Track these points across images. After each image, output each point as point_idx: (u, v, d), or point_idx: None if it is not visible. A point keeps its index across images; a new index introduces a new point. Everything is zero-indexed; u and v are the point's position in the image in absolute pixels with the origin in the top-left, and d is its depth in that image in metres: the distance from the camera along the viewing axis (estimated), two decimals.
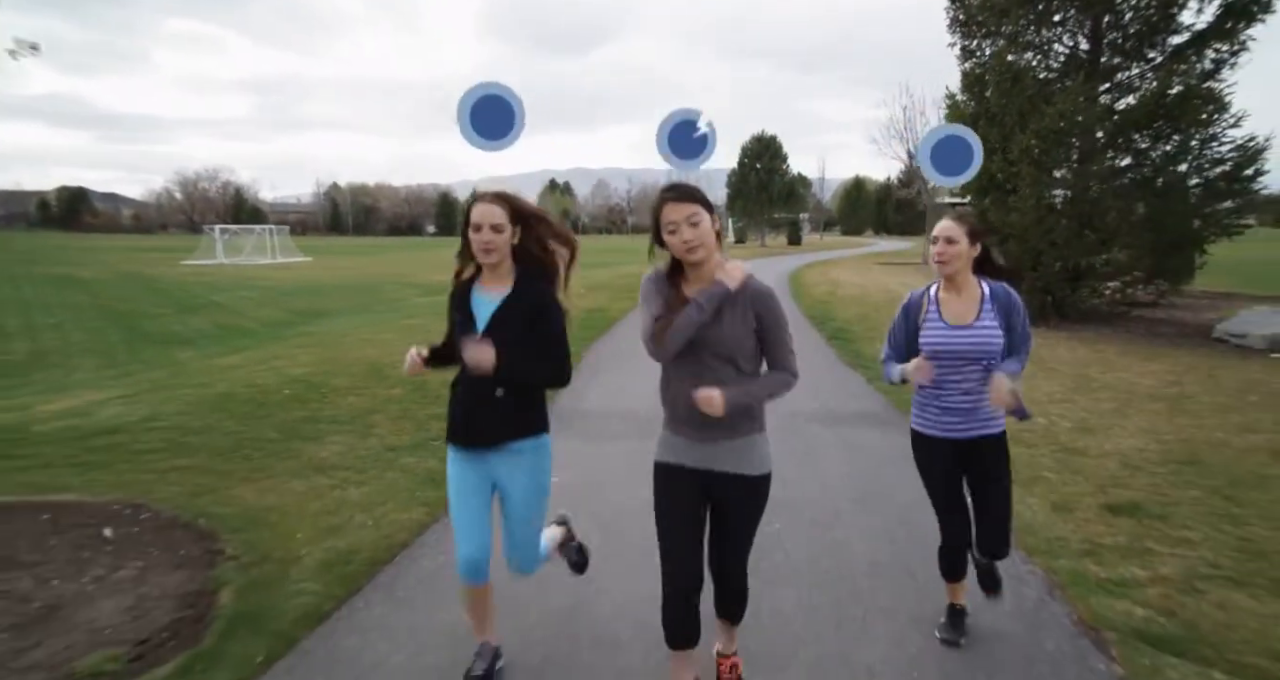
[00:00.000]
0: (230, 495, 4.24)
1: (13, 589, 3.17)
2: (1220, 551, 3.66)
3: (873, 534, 3.93)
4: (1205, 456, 5.13)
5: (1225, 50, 10.48)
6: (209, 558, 3.48)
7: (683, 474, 2.33)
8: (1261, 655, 2.77)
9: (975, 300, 2.71)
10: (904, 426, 5.84)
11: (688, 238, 2.14)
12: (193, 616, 2.98)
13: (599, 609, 3.13)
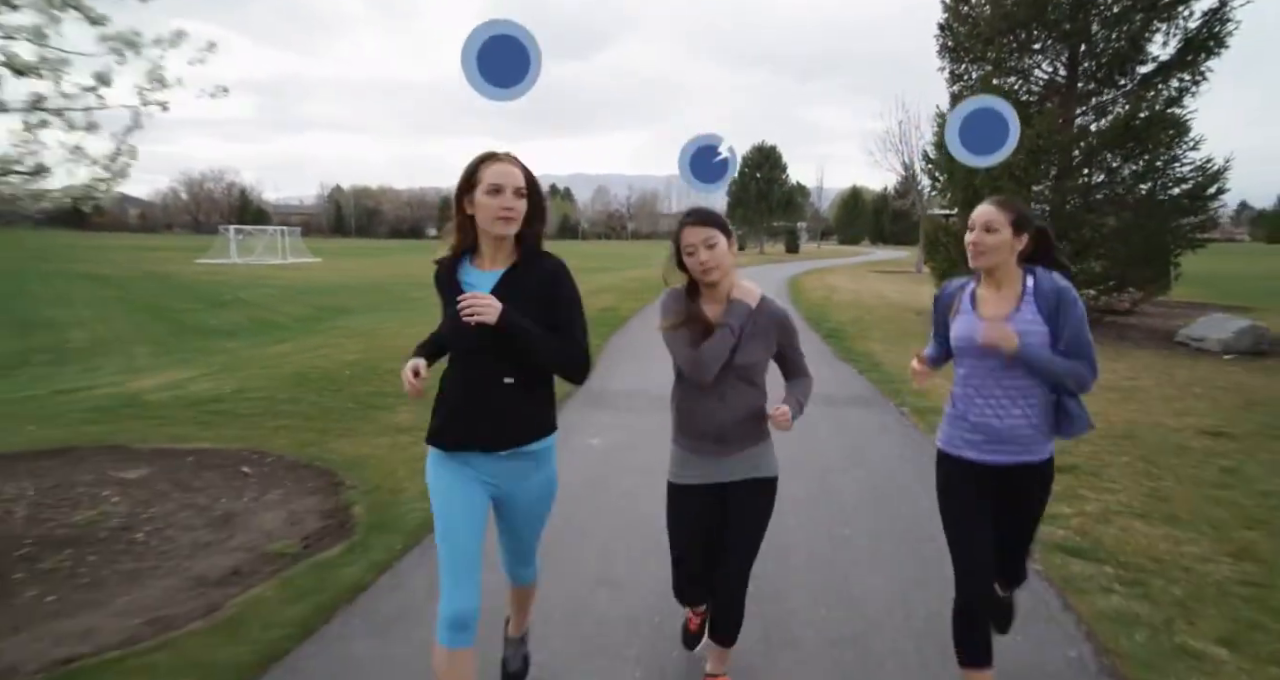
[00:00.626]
0: (330, 447, 5.18)
1: (195, 503, 4.10)
2: (1133, 497, 4.61)
3: (858, 481, 4.87)
4: (1141, 433, 6.09)
5: (1188, 79, 11.51)
6: (333, 487, 4.41)
7: (697, 492, 2.42)
8: (1143, 557, 3.71)
9: (1015, 295, 2.25)
10: (886, 406, 6.95)
11: (704, 259, 2.23)
12: (336, 523, 3.91)
13: (631, 538, 4.07)
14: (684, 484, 2.42)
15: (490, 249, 2.05)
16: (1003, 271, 2.26)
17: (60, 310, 15.81)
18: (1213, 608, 3.20)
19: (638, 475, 4.74)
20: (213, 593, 3.16)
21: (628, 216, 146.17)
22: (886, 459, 5.35)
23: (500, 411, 2.04)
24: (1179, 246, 12.48)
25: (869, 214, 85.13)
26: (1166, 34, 11.64)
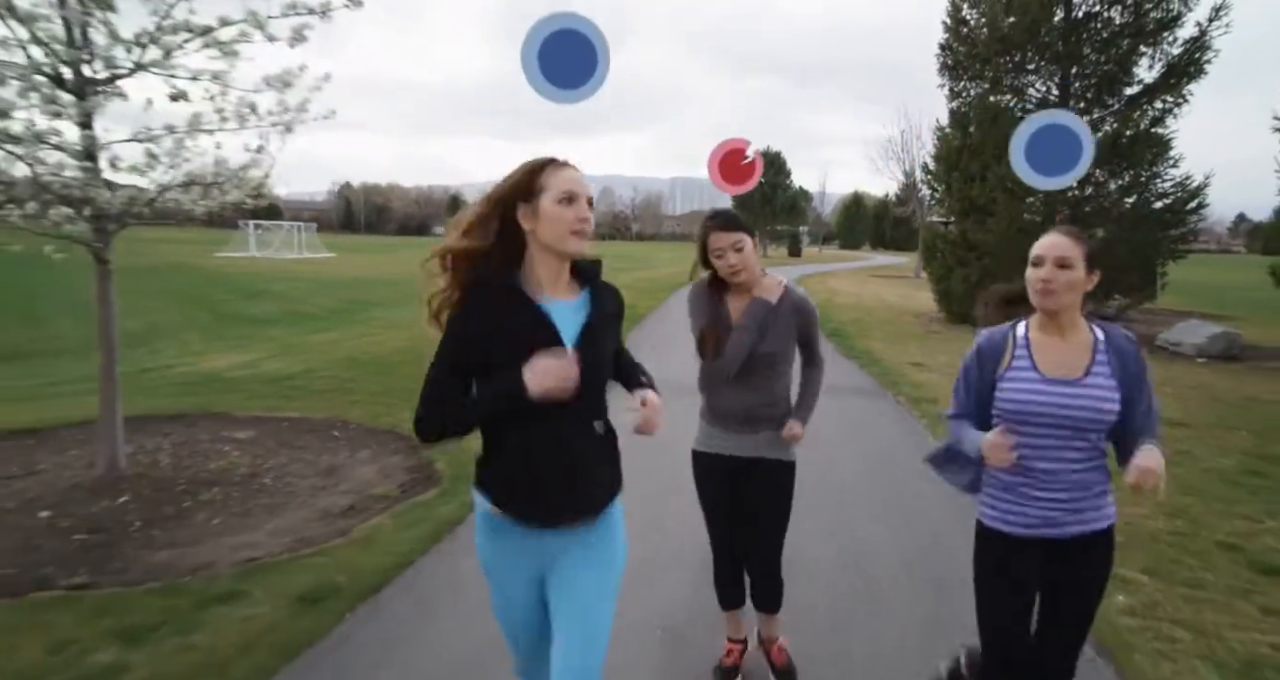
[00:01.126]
0: (401, 418, 5.96)
1: (302, 458, 4.90)
2: None
3: (859, 454, 5.66)
4: None
5: (1170, 102, 12.32)
6: (412, 449, 5.20)
7: (722, 464, 2.55)
8: None
9: (1084, 347, 1.93)
10: (885, 396, 7.85)
11: (733, 262, 2.36)
12: (424, 475, 4.70)
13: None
14: (707, 452, 2.57)
15: (549, 270, 1.67)
16: (1068, 315, 1.93)
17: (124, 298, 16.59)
18: (1142, 550, 3.99)
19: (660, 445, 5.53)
20: (339, 522, 3.95)
21: (632, 217, 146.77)
22: (883, 437, 6.15)
23: (599, 468, 1.75)
24: (1162, 257, 13.31)
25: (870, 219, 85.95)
26: (1152, 58, 12.46)
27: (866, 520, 4.32)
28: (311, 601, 3.05)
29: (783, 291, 2.47)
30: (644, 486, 4.38)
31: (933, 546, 3.92)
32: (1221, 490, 4.98)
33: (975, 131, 13.70)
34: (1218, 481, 5.18)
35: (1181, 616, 3.22)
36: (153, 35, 3.92)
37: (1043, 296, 1.90)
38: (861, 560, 3.74)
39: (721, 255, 2.38)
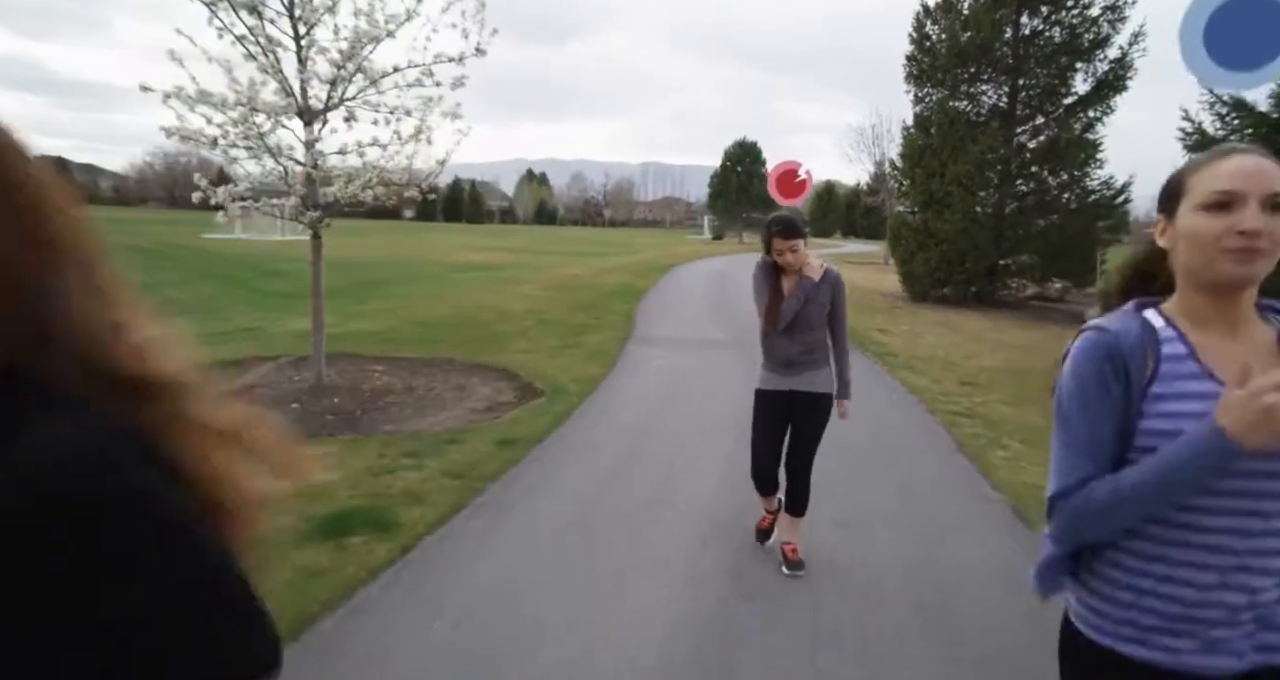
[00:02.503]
0: (492, 359, 7.74)
1: (434, 381, 6.67)
2: (1003, 394, 7.38)
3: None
4: (1024, 369, 8.90)
5: (1101, 110, 14.43)
6: (510, 376, 7.00)
7: (775, 397, 3.35)
8: (997, 416, 6.46)
9: (1266, 345, 1.16)
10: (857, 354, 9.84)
11: (789, 260, 3.17)
12: (529, 391, 6.50)
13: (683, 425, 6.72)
14: (765, 389, 3.39)
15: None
16: (1249, 296, 1.15)
17: (143, 277, 17.96)
18: (1013, 435, 5.93)
19: (694, 380, 7.40)
20: (485, 415, 5.75)
21: (604, 203, 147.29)
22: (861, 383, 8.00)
23: None
24: (1098, 245, 15.50)
25: (842, 208, 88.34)
26: (1085, 73, 14.54)
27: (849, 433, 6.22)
28: (504, 443, 4.88)
29: (824, 272, 3.23)
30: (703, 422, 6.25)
31: (893, 439, 5.85)
32: None
33: (935, 133, 15.68)
34: None
35: (1031, 450, 5.19)
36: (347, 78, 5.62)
37: (1239, 262, 1.08)
38: (846, 458, 5.63)
39: (782, 254, 3.18)
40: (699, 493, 4.32)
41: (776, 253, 3.19)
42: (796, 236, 3.16)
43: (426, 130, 5.93)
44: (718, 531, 3.77)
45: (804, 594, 3.19)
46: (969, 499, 4.52)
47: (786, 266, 3.22)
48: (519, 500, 4.11)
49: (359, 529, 3.57)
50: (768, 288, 3.28)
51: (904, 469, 5.08)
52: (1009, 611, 3.08)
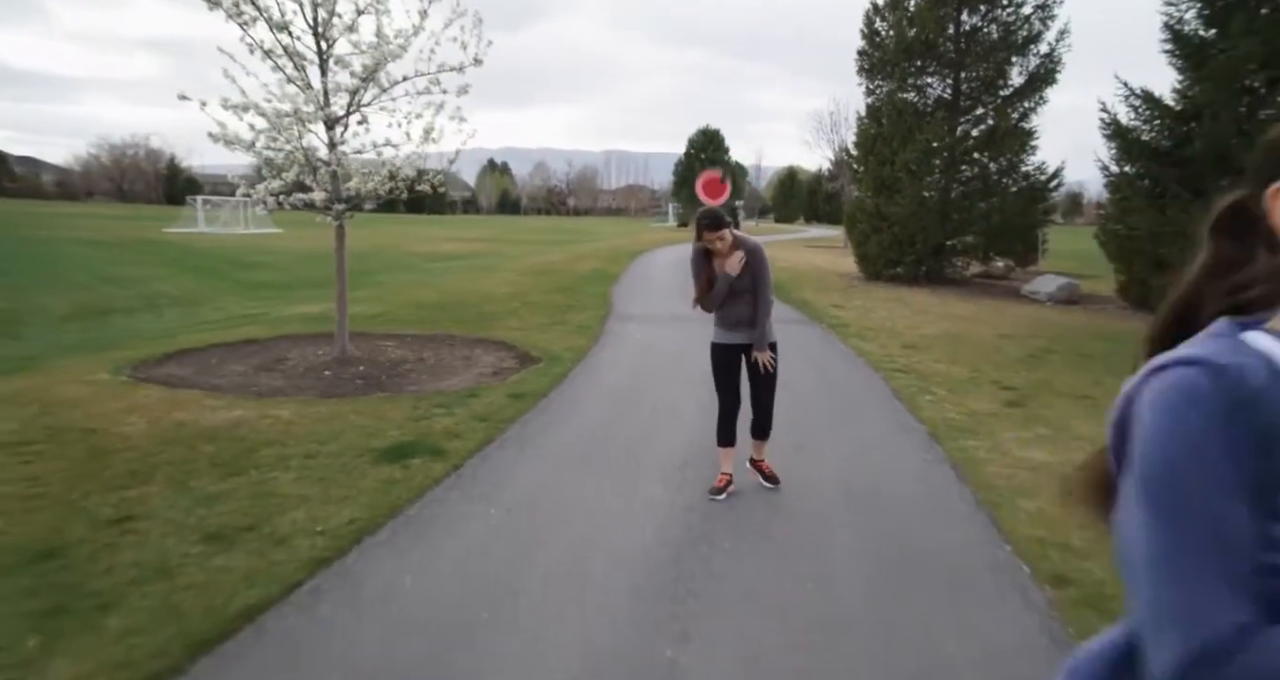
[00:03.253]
0: (489, 334, 8.65)
1: (441, 353, 7.57)
2: (939, 357, 8.50)
3: (801, 359, 8.60)
4: (960, 335, 10.08)
5: (1034, 101, 15.70)
6: (508, 348, 7.92)
7: (727, 349, 4.08)
8: (932, 372, 7.58)
9: None
10: (814, 325, 11.27)
11: (718, 247, 3.89)
12: (529, 359, 7.44)
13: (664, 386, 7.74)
14: (718, 343, 4.13)
15: None
16: None
17: (122, 271, 18.37)
18: (941, 386, 7.05)
19: (668, 349, 8.42)
20: (493, 378, 6.68)
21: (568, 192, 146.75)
22: (814, 345, 9.09)
23: None
24: (1037, 227, 16.85)
25: (804, 194, 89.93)
26: (1020, 67, 15.79)
27: (805, 385, 7.29)
28: (515, 397, 5.84)
29: (743, 260, 3.91)
30: (672, 349, 7.27)
31: (842, 390, 6.92)
32: (1007, 362, 8.19)
33: (886, 123, 16.81)
34: (1011, 359, 8.40)
35: (953, 395, 6.31)
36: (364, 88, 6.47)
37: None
38: (800, 404, 6.69)
39: (711, 242, 3.89)
40: (678, 428, 5.33)
41: (707, 241, 3.89)
42: (722, 227, 3.88)
43: (436, 131, 6.80)
44: (694, 454, 4.76)
45: (764, 490, 4.22)
46: (896, 429, 5.60)
47: (716, 252, 3.94)
48: (535, 435, 5.08)
49: (416, 455, 4.51)
50: (701, 269, 4.01)
51: (849, 410, 6.15)
52: (913, 487, 4.16)
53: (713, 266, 4.01)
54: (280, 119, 6.26)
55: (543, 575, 3.19)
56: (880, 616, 2.93)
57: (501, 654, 2.62)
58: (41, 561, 3.11)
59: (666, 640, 2.72)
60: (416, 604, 2.92)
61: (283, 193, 6.53)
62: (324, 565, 3.19)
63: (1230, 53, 10.71)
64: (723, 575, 3.23)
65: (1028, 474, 4.57)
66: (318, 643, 2.65)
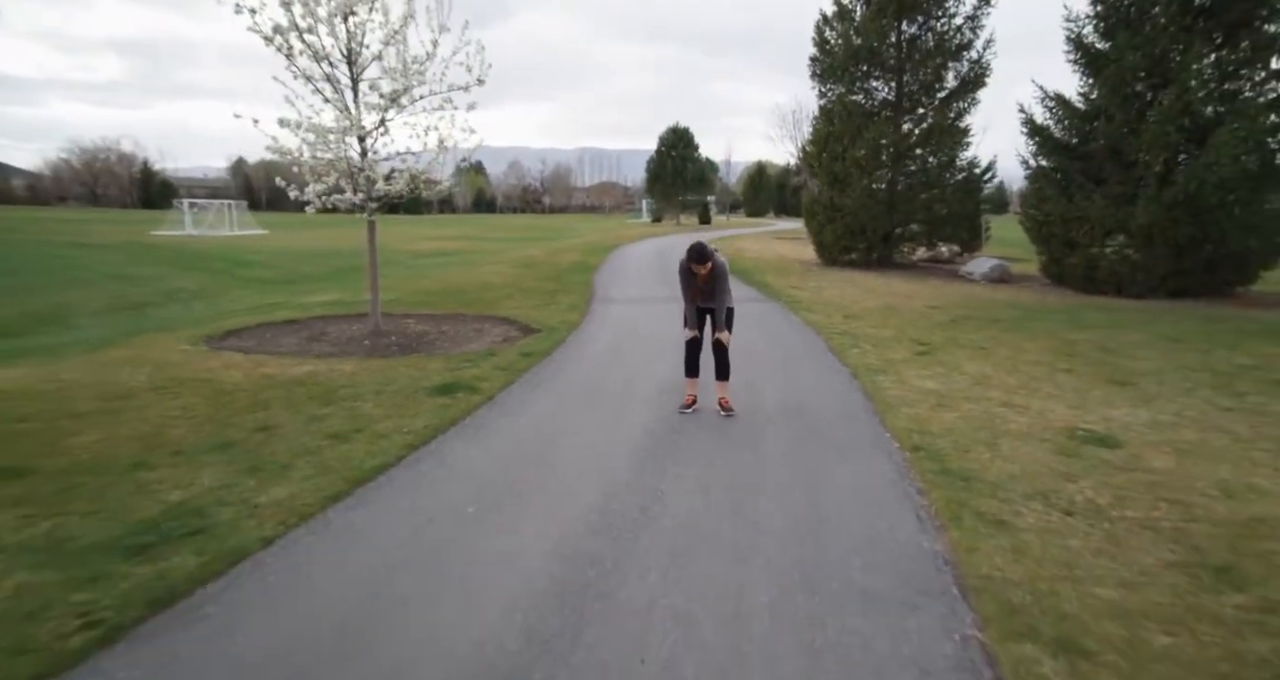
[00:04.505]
0: (496, 312, 10.09)
1: (456, 328, 9.02)
2: (871, 326, 10.14)
3: (759, 329, 10.17)
4: (895, 307, 11.73)
5: (967, 102, 17.45)
6: (515, 323, 9.38)
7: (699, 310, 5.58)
8: (863, 336, 9.19)
9: None
10: (774, 303, 13.12)
11: (702, 273, 5.32)
12: (530, 330, 8.91)
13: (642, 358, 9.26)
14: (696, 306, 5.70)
15: None
16: None
17: (130, 270, 19.44)
18: (869, 343, 8.65)
19: (644, 321, 9.94)
20: (503, 344, 8.14)
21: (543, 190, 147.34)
22: (770, 319, 10.69)
23: None
24: (972, 215, 18.63)
25: (773, 188, 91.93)
26: (954, 72, 17.53)
27: (760, 345, 8.84)
28: (525, 355, 7.32)
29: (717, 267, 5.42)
30: (651, 325, 8.79)
31: (788, 347, 8.49)
32: (928, 326, 9.84)
33: (837, 122, 18.46)
34: (932, 324, 10.05)
35: (877, 349, 7.91)
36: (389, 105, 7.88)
37: None
38: (753, 357, 8.24)
39: (696, 272, 5.40)
40: (653, 374, 6.84)
41: (693, 270, 5.43)
42: (706, 260, 5.37)
43: (450, 141, 8.23)
44: (667, 390, 6.27)
45: (720, 414, 5.76)
46: (827, 371, 7.18)
47: (700, 278, 5.51)
48: (546, 380, 6.57)
49: (457, 391, 5.98)
50: (688, 284, 5.59)
51: (792, 360, 7.72)
52: (831, 405, 5.74)
53: (695, 281, 5.55)
54: (324, 134, 7.66)
55: (567, 452, 4.70)
56: (791, 468, 4.48)
57: (546, 493, 4.12)
58: (222, 450, 4.55)
59: (653, 478, 4.25)
60: (484, 468, 4.41)
61: (324, 194, 7.91)
62: (415, 448, 4.66)
63: (1119, 63, 12.48)
64: (689, 450, 4.77)
65: (916, 395, 6.17)
66: (423, 484, 4.13)
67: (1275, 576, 3.08)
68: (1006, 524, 3.62)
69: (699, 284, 5.55)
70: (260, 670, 2.48)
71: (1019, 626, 2.71)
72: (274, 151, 7.66)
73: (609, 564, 3.21)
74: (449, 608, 2.86)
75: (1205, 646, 2.58)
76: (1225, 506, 3.82)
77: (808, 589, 3.01)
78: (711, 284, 5.54)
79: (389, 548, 3.35)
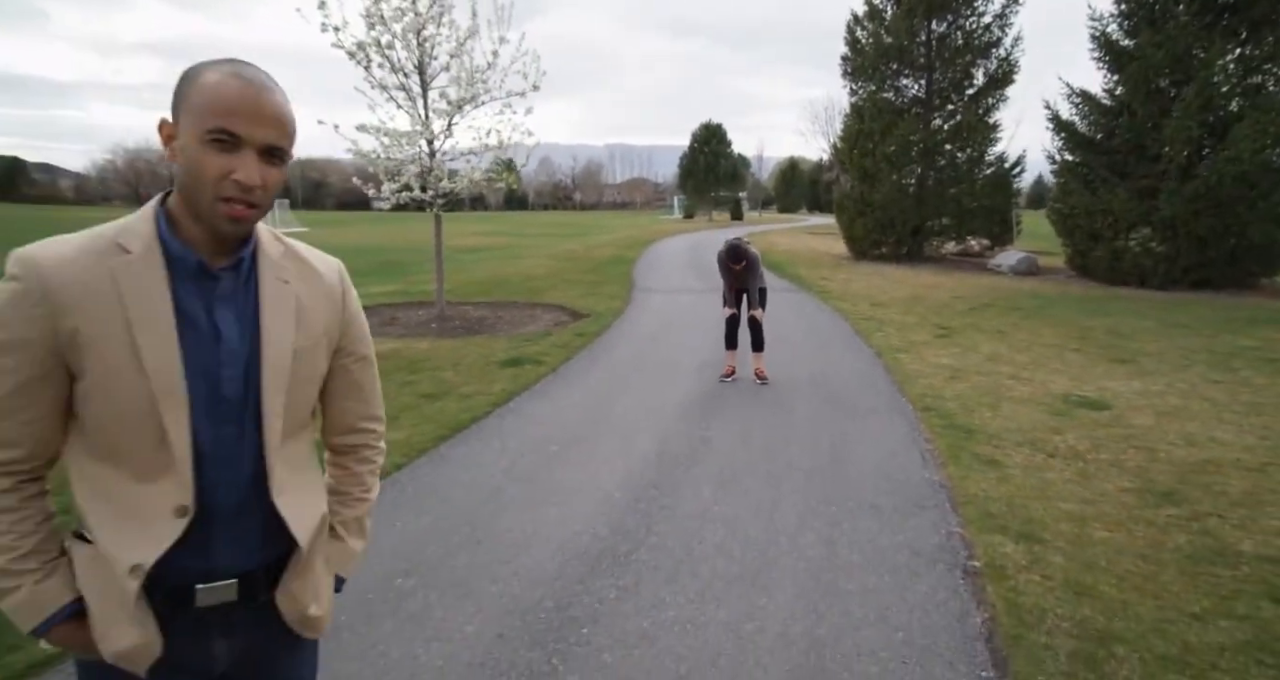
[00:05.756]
0: (546, 300, 10.97)
1: (513, 312, 9.92)
2: (896, 310, 10.81)
3: (794, 316, 10.91)
4: (921, 297, 12.36)
5: (995, 98, 17.90)
6: (564, 309, 10.24)
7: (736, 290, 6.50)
8: (889, 320, 9.88)
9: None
10: (806, 293, 13.97)
11: (737, 269, 6.31)
12: (580, 316, 9.76)
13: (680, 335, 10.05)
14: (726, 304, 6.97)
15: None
16: None
17: None
18: (893, 328, 9.35)
19: (683, 309, 10.74)
20: (557, 327, 9.00)
21: (574, 187, 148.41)
22: (802, 307, 11.42)
23: None
24: (1002, 209, 19.08)
25: (805, 184, 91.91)
26: (983, 70, 17.99)
27: (792, 329, 9.58)
28: (579, 335, 8.17)
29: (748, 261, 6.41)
30: (690, 311, 9.59)
31: (819, 331, 9.22)
32: (951, 313, 10.48)
33: (867, 119, 19.03)
34: (955, 311, 10.69)
35: (900, 333, 8.61)
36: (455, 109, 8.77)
37: None
38: (785, 339, 8.99)
39: (731, 269, 6.38)
40: (696, 354, 7.64)
41: (730, 266, 6.33)
42: (741, 259, 6.25)
43: (507, 143, 9.10)
44: (708, 367, 7.07)
45: (756, 383, 6.53)
46: (852, 351, 7.91)
47: (732, 269, 6.36)
48: (600, 355, 7.41)
49: (524, 364, 6.85)
50: (725, 273, 6.45)
51: (821, 342, 8.45)
52: (855, 377, 6.49)
53: (732, 271, 6.39)
54: (398, 137, 8.58)
55: (625, 410, 5.52)
56: (818, 424, 5.25)
57: (612, 439, 4.95)
58: None
59: (700, 429, 5.06)
60: (557, 421, 5.25)
61: (398, 192, 8.84)
62: (497, 406, 5.53)
63: (1143, 59, 12.92)
64: (729, 409, 5.56)
65: (932, 369, 6.89)
66: (510, 431, 4.99)
67: (1207, 498, 3.78)
68: (997, 462, 4.36)
69: (735, 273, 6.35)
70: (402, 556, 3.34)
71: (992, 525, 3.47)
72: (354, 153, 8.60)
73: (668, 486, 4.03)
74: (550, 510, 3.70)
75: (1135, 538, 3.32)
76: (1185, 452, 4.51)
77: (828, 503, 3.79)
78: (745, 273, 6.33)
79: (494, 472, 4.21)
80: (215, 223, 1.01)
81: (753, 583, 3.00)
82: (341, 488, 1.30)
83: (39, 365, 0.99)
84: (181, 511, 1.03)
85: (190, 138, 0.98)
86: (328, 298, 1.19)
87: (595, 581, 3.01)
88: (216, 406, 1.05)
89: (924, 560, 3.18)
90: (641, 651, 2.55)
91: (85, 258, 1.00)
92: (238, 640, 1.14)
